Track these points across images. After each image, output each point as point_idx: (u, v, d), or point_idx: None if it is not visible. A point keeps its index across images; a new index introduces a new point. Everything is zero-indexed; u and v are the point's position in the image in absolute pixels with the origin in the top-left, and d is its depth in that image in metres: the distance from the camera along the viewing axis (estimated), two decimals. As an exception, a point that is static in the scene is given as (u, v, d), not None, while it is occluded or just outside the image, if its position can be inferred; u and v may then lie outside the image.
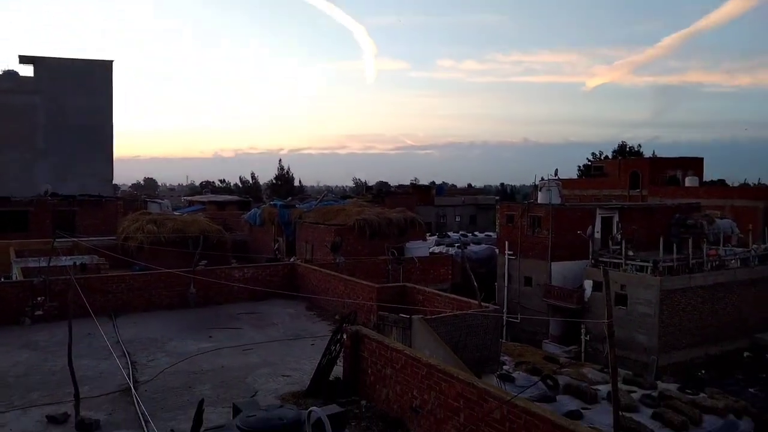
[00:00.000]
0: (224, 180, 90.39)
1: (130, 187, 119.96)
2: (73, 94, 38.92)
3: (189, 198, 66.09)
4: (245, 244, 35.54)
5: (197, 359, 13.56)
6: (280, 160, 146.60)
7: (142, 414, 10.12)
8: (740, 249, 33.74)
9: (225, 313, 18.31)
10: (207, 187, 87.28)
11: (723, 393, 23.84)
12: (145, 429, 9.59)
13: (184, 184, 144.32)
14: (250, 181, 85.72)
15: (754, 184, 46.12)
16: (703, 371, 28.83)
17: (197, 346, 14.63)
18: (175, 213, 36.11)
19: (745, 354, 30.49)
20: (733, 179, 50.43)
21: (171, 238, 26.50)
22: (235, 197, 59.54)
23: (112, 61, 40.86)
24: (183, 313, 18.34)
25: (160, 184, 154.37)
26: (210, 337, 15.57)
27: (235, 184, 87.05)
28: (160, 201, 39.70)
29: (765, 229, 36.67)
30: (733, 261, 31.71)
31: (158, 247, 26.04)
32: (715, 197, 43.75)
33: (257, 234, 35.48)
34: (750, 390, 25.90)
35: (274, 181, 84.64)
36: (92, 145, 39.54)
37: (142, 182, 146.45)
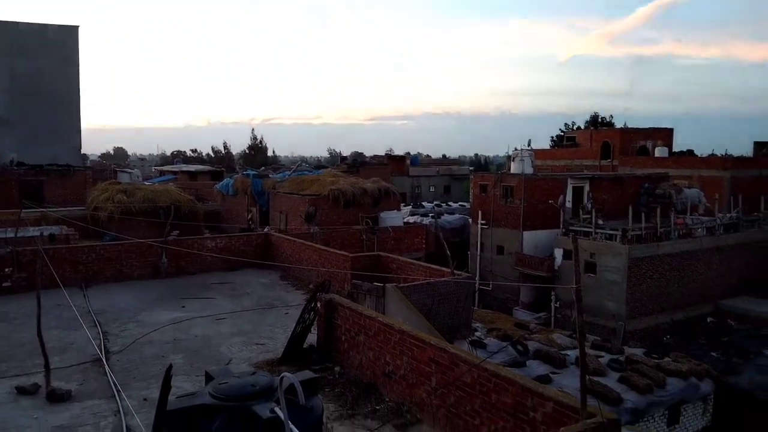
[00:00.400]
0: (196, 150, 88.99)
1: (99, 157, 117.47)
2: (38, 60, 37.68)
3: (160, 168, 64.97)
4: (218, 215, 35.21)
5: (170, 329, 13.51)
6: (252, 130, 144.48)
7: (114, 383, 10.09)
8: (707, 218, 34.50)
9: (198, 283, 18.24)
10: (178, 156, 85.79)
11: (686, 357, 24.66)
12: (118, 398, 9.57)
13: (155, 154, 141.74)
14: (223, 151, 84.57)
15: (722, 155, 46.90)
16: (668, 336, 29.71)
17: (170, 316, 14.57)
18: (145, 183, 35.51)
19: (709, 319, 31.45)
20: (702, 150, 51.33)
21: (142, 208, 26.12)
22: (207, 167, 58.71)
23: (77, 27, 39.58)
24: (155, 283, 18.21)
25: (130, 154, 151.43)
26: (183, 307, 15.51)
27: (207, 154, 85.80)
28: (130, 171, 38.89)
29: (731, 198, 37.49)
30: (700, 230, 32.43)
31: (129, 217, 25.68)
32: (683, 167, 44.50)
33: (230, 204, 35.14)
34: (712, 354, 26.79)
35: (247, 151, 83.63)
36: (59, 114, 38.45)
37: (111, 152, 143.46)
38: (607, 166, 49.91)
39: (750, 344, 27.63)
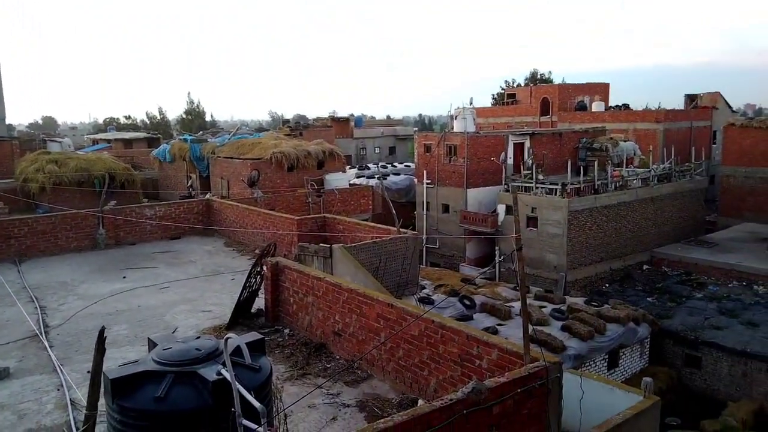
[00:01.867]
0: (129, 116, 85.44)
1: (27, 126, 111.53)
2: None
3: (93, 136, 62.22)
4: (157, 182, 34.17)
5: (111, 300, 13.14)
6: (189, 93, 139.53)
7: (54, 358, 9.78)
8: (642, 170, 35.80)
9: (139, 253, 17.75)
10: (111, 124, 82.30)
11: (624, 303, 25.86)
12: (60, 372, 9.29)
13: (87, 123, 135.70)
14: (158, 117, 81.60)
15: (655, 108, 48.47)
16: (607, 284, 31.01)
17: (110, 287, 14.16)
18: (78, 152, 34.00)
19: (645, 267, 32.96)
20: (637, 104, 52.91)
21: (75, 178, 25.10)
22: (143, 134, 56.60)
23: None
24: (93, 255, 17.62)
25: (60, 122, 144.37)
26: (124, 277, 15.09)
27: (142, 121, 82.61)
28: (60, 140, 37.17)
29: (663, 149, 38.96)
30: (635, 181, 33.65)
31: (62, 188, 24.65)
32: (619, 121, 45.81)
33: (169, 171, 34.12)
34: (648, 299, 28.17)
35: (183, 116, 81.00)
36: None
37: (40, 121, 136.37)
38: (547, 122, 50.86)
39: (682, 289, 29.19)
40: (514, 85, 70.21)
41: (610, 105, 51.64)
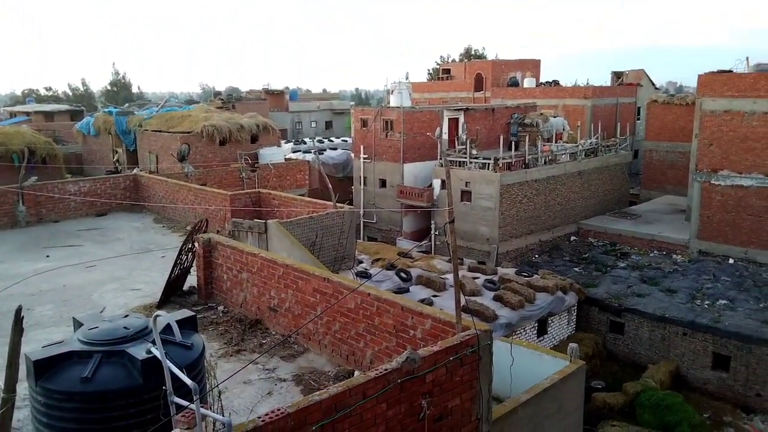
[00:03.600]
0: (50, 87, 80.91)
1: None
2: None
3: (10, 109, 58.60)
4: (81, 157, 32.65)
5: (34, 280, 12.53)
6: (114, 64, 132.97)
7: (-28, 342, 9.28)
8: (570, 144, 36.96)
9: (62, 231, 16.98)
10: (30, 96, 77.69)
11: (553, 273, 26.89)
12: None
13: (4, 94, 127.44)
14: (81, 89, 77.65)
15: (584, 85, 49.99)
16: (537, 255, 32.10)
17: (33, 266, 13.51)
18: (-7, 125, 31.97)
19: (572, 238, 34.27)
20: (567, 82, 54.27)
21: (-10, 153, 23.62)
22: (64, 106, 53.74)
23: None
24: (13, 233, 16.74)
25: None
26: (47, 256, 14.43)
27: (64, 92, 78.42)
28: (-28, 112, 34.81)
29: (591, 125, 40.33)
30: (564, 156, 34.74)
31: (-25, 164, 23.17)
32: (549, 97, 47.01)
33: (93, 145, 32.65)
34: (575, 269, 29.38)
35: (108, 88, 77.41)
36: None
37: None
38: (480, 98, 51.58)
39: (607, 259, 30.58)
40: (449, 61, 70.64)
41: (541, 81, 52.83)
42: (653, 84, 55.29)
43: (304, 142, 47.50)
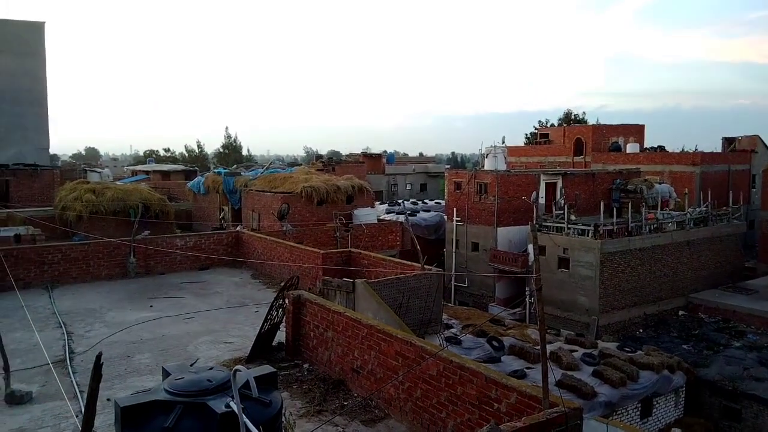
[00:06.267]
0: (169, 149, 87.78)
1: (70, 157, 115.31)
2: (2, 57, 36.77)
3: (132, 168, 64.00)
4: (190, 214, 34.77)
5: (137, 329, 13.26)
6: (227, 128, 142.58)
7: (76, 384, 9.85)
8: (677, 212, 35.05)
9: (167, 283, 17.96)
10: (151, 156, 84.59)
11: (659, 350, 25.02)
12: (80, 399, 9.34)
13: (128, 154, 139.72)
14: (197, 150, 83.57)
15: (692, 151, 47.74)
16: (641, 330, 30.11)
17: (137, 315, 14.31)
18: (116, 183, 34.92)
19: (680, 312, 31.96)
20: (673, 146, 52.17)
21: (111, 207, 25.67)
22: (180, 166, 57.97)
23: (43, 22, 38.68)
24: (123, 283, 17.89)
25: (102, 153, 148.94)
26: (150, 306, 15.24)
27: (181, 154, 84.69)
28: (99, 170, 38.32)
29: (700, 193, 38.15)
30: (670, 224, 32.93)
31: (98, 217, 25.24)
32: (654, 163, 45.16)
33: (202, 203, 34.74)
34: (683, 346, 27.22)
35: (221, 150, 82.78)
36: (25, 113, 37.55)
37: (83, 152, 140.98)
38: (580, 162, 50.42)
39: (719, 337, 28.15)
40: (548, 125, 70.01)
41: (645, 147, 51.02)
42: (770, 150, 51.83)
43: (398, 204, 48.18)
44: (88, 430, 4.41)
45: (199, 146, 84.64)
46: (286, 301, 11.28)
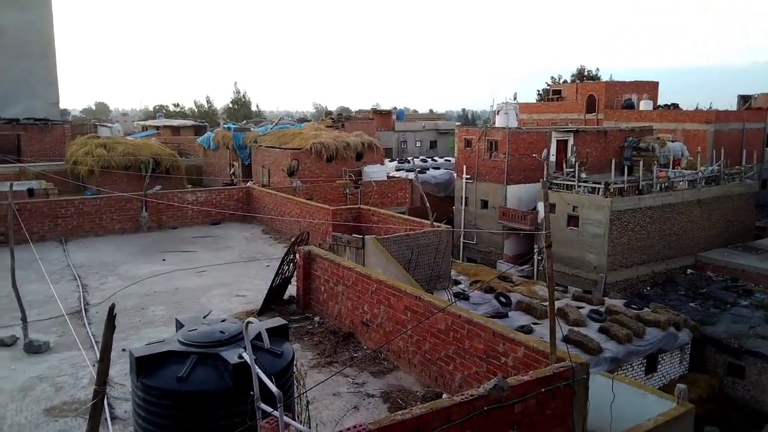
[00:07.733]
0: (178, 104, 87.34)
1: (80, 112, 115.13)
2: (8, 11, 36.37)
3: (142, 123, 63.86)
4: (200, 169, 34.86)
5: (150, 282, 13.48)
6: (236, 83, 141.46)
7: (92, 335, 10.09)
8: (689, 171, 34.71)
9: (179, 237, 18.16)
10: (161, 111, 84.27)
11: (665, 307, 25.16)
12: (96, 349, 9.58)
13: (138, 109, 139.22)
14: (206, 106, 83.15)
15: (706, 109, 46.90)
16: (649, 288, 30.24)
17: (150, 269, 14.52)
18: (127, 138, 34.93)
19: (689, 271, 31.99)
20: (687, 104, 51.21)
21: (122, 162, 25.79)
22: (190, 122, 57.78)
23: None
24: (135, 237, 18.11)
25: (112, 108, 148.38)
26: (163, 260, 15.46)
27: (190, 109, 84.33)
28: (110, 125, 38.19)
29: (713, 151, 37.66)
30: (682, 183, 32.65)
31: (109, 171, 25.38)
32: (667, 121, 44.48)
33: (212, 159, 34.77)
34: (690, 304, 27.35)
35: (230, 106, 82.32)
36: (34, 67, 37.33)
37: (93, 107, 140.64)
38: (592, 119, 49.76)
39: (727, 295, 28.22)
40: (560, 82, 68.81)
41: (658, 104, 50.17)
42: (788, 108, 50.80)
43: (408, 161, 47.97)
44: (104, 380, 4.54)
45: (208, 101, 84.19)
46: (297, 255, 11.40)
